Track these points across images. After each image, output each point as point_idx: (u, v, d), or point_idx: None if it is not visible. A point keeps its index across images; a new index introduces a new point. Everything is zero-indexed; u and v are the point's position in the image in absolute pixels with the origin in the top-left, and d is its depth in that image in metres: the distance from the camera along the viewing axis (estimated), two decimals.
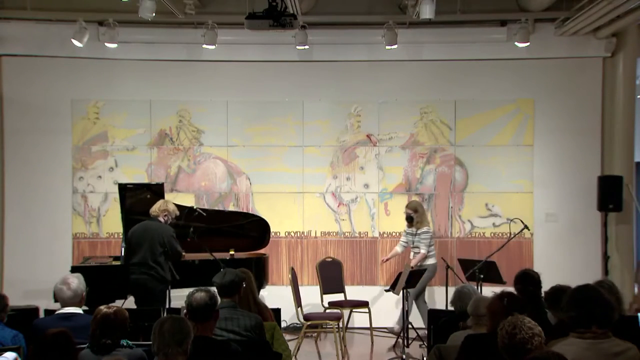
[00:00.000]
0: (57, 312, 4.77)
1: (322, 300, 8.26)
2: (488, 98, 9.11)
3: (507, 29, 8.81)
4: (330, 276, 8.50)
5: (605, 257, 8.81)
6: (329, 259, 8.71)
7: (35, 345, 3.82)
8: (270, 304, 5.81)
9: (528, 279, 5.04)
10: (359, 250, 9.12)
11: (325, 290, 8.39)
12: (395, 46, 8.54)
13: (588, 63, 9.02)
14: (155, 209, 7.08)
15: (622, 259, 8.89)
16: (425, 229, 8.29)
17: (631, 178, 8.93)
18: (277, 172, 9.15)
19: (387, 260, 8.63)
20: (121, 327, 3.97)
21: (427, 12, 7.40)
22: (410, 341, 7.52)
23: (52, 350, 3.61)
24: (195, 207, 7.79)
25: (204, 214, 7.64)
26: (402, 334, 7.46)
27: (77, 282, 4.76)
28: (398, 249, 8.53)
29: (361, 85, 9.15)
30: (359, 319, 8.75)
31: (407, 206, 8.46)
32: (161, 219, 7.06)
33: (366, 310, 8.31)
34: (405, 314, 7.34)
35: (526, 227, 7.85)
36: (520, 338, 3.16)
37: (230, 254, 7.88)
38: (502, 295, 4.04)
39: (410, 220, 8.34)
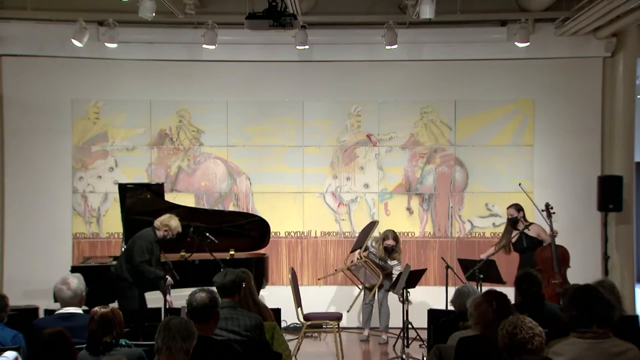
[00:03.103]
0: (56, 312, 4.77)
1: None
2: (488, 98, 9.11)
3: (507, 29, 8.80)
4: None
5: (605, 257, 8.81)
6: None
7: (33, 345, 3.82)
8: (270, 304, 5.81)
9: (532, 280, 5.04)
10: None
11: None
12: (395, 46, 8.54)
13: (588, 63, 9.02)
14: (158, 221, 6.88)
15: (622, 259, 8.89)
16: (400, 265, 8.16)
17: (631, 178, 8.93)
18: (277, 172, 9.15)
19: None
20: (120, 325, 4.01)
21: (427, 12, 7.41)
22: (410, 341, 7.52)
23: (49, 350, 3.61)
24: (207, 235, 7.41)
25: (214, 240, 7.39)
26: (402, 334, 7.46)
27: (76, 282, 4.76)
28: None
29: (361, 85, 9.15)
30: (359, 318, 8.75)
31: (390, 237, 8.13)
32: (160, 232, 6.86)
33: None
34: (405, 314, 7.34)
35: (526, 227, 7.85)
36: (520, 338, 3.16)
37: (230, 254, 7.88)
38: (490, 299, 3.96)
39: (391, 251, 8.13)
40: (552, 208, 7.70)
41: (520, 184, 8.35)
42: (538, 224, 7.83)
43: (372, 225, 8.37)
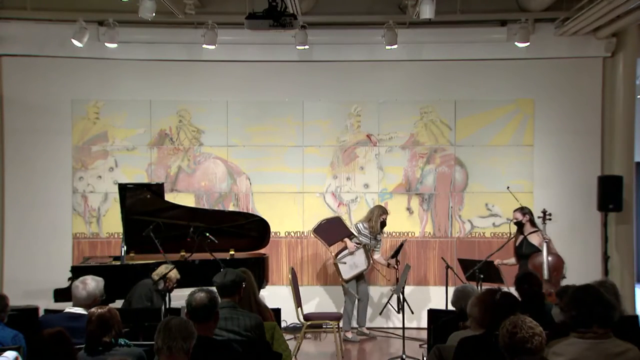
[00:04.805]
0: (65, 310, 4.78)
1: None
2: (488, 98, 9.11)
3: (507, 29, 8.80)
4: None
5: (605, 257, 8.81)
6: None
7: (33, 345, 3.83)
8: (270, 304, 5.81)
9: (533, 280, 5.05)
10: None
11: None
12: (395, 46, 8.54)
13: (588, 63, 9.01)
14: (155, 274, 6.58)
15: (622, 259, 8.89)
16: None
17: (631, 178, 8.93)
18: (277, 172, 9.15)
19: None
20: (118, 324, 4.02)
21: (427, 12, 7.41)
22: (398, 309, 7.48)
23: (49, 350, 3.62)
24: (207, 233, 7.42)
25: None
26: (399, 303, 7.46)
27: (94, 285, 4.79)
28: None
29: (361, 85, 9.15)
30: None
31: (386, 211, 8.50)
32: (161, 285, 6.52)
33: None
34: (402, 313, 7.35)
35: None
36: (520, 337, 3.16)
37: (230, 254, 7.88)
38: (499, 291, 4.00)
39: (384, 225, 8.46)
40: (549, 215, 7.53)
41: (508, 187, 8.37)
42: (544, 232, 7.61)
43: (340, 219, 8.66)
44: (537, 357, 3.16)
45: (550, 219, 7.55)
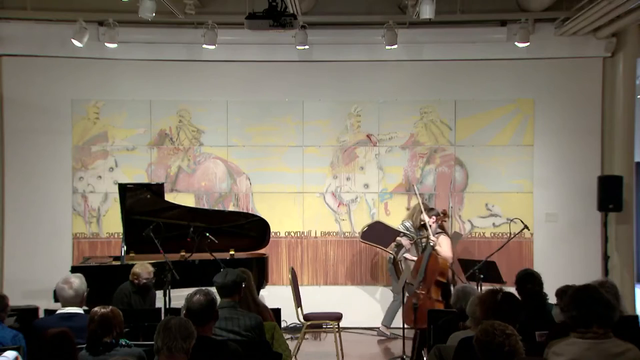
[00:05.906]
0: (57, 311, 4.78)
1: None
2: (488, 98, 9.11)
3: (507, 29, 8.80)
4: None
5: (605, 257, 8.81)
6: None
7: (36, 345, 3.83)
8: (270, 304, 5.81)
9: (534, 280, 5.06)
10: (358, 250, 9.11)
11: None
12: (395, 46, 8.54)
13: (588, 63, 9.01)
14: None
15: (622, 259, 8.89)
16: None
17: (631, 178, 8.93)
18: (277, 172, 9.15)
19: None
20: (119, 325, 4.02)
21: (427, 12, 7.41)
22: None
23: (53, 351, 3.62)
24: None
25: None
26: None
27: (78, 282, 4.78)
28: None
29: (361, 85, 9.15)
30: (359, 318, 8.75)
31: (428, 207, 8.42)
32: (134, 282, 6.54)
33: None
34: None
35: (526, 227, 7.85)
36: (497, 342, 3.21)
37: (230, 254, 7.88)
38: (500, 292, 4.01)
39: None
40: (446, 218, 7.71)
41: (414, 185, 8.68)
42: (445, 236, 7.79)
43: (380, 222, 8.67)
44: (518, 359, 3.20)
45: (445, 221, 7.81)
